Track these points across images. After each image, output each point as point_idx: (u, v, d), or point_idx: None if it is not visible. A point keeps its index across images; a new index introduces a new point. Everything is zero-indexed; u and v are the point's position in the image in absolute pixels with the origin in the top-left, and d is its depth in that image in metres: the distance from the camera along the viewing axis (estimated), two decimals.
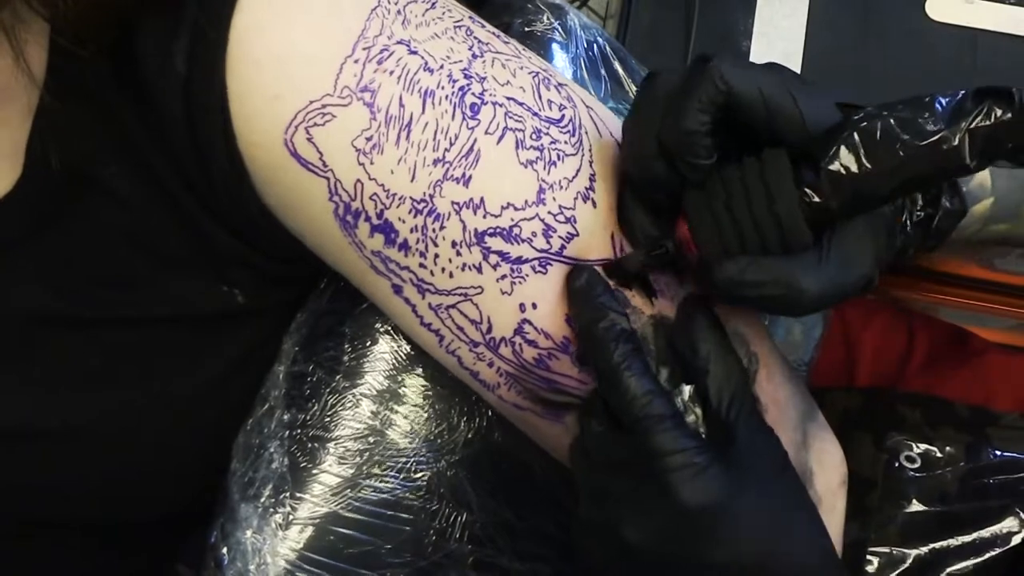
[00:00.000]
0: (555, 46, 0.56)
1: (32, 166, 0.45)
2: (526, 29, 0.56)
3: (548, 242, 0.45)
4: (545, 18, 0.56)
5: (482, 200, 0.44)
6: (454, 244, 0.44)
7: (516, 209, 0.44)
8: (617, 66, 0.58)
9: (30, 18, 0.40)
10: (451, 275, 0.45)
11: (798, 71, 0.91)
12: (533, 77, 0.47)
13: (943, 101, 0.39)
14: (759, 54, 0.89)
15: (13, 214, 0.46)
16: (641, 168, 0.43)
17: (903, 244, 0.48)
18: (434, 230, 0.44)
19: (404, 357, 0.52)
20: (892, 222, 0.45)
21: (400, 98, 0.43)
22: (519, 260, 0.44)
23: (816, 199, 0.40)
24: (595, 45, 0.57)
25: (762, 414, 0.45)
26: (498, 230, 0.44)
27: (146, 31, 0.43)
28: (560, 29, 0.56)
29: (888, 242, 0.45)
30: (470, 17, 0.47)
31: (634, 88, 0.58)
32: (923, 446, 0.61)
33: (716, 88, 0.40)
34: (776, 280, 0.41)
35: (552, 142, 0.45)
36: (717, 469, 0.40)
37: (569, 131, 0.46)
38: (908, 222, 0.48)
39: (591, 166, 0.46)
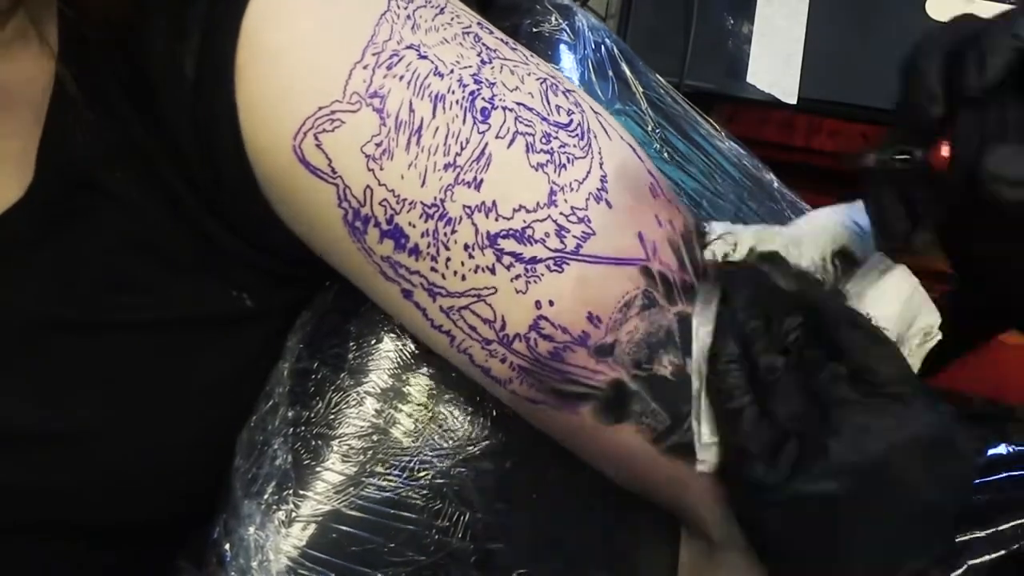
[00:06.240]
0: (563, 47, 0.56)
1: (42, 172, 0.45)
2: (534, 30, 0.56)
3: (562, 242, 0.45)
4: (553, 19, 0.56)
5: (494, 203, 0.44)
6: (466, 247, 0.44)
7: (528, 211, 0.44)
8: (625, 68, 0.58)
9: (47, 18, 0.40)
10: (463, 277, 0.45)
11: (798, 71, 0.92)
12: (541, 83, 0.47)
13: None
14: (759, 54, 0.90)
15: (24, 219, 0.46)
16: (927, 48, 0.43)
17: None
18: (445, 234, 0.44)
19: (409, 356, 0.52)
20: None
21: (410, 103, 0.43)
22: (533, 260, 0.45)
23: None
24: (603, 47, 0.57)
25: None
26: (511, 232, 0.44)
27: (154, 35, 0.43)
28: (568, 30, 0.56)
29: None
30: (478, 23, 0.48)
31: (642, 90, 0.58)
32: None
33: None
34: None
35: (561, 146, 0.46)
36: None
37: (578, 135, 0.46)
38: None
39: (601, 168, 0.46)
